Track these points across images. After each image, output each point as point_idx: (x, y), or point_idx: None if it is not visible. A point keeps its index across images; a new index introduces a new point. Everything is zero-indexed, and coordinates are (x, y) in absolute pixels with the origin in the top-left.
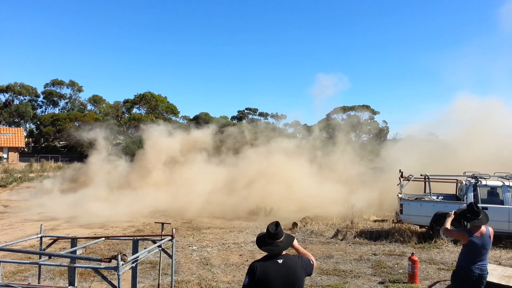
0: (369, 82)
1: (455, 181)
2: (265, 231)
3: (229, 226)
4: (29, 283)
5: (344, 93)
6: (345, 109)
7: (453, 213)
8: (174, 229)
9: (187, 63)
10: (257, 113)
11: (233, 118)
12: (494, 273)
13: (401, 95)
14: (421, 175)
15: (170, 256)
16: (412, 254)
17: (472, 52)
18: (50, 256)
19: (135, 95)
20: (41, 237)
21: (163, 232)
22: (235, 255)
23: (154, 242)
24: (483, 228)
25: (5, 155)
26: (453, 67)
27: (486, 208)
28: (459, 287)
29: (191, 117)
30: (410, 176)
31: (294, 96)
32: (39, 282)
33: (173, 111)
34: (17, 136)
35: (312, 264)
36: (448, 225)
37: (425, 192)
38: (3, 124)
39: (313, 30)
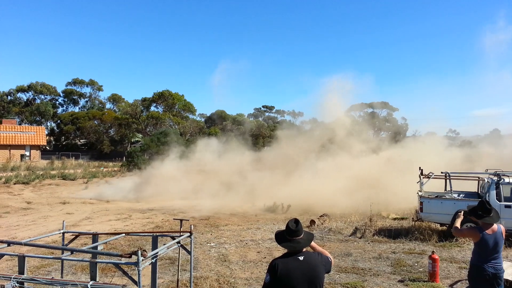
0: (387, 79)
1: (477, 178)
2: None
3: (247, 223)
4: (52, 277)
5: (361, 89)
6: (363, 106)
7: (462, 213)
8: (192, 226)
9: (204, 61)
10: (274, 111)
11: (249, 115)
12: None
13: (421, 91)
14: (441, 172)
15: (189, 252)
16: (433, 252)
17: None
18: (72, 251)
19: (154, 93)
20: (63, 233)
21: (181, 229)
22: (253, 252)
23: (173, 238)
24: (495, 225)
25: (27, 153)
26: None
27: (509, 206)
28: (474, 286)
29: (208, 114)
30: (430, 174)
31: (310, 93)
32: (62, 277)
33: (190, 109)
34: (39, 135)
35: (330, 262)
36: (458, 224)
37: (445, 190)
38: (25, 123)
39: (329, 27)
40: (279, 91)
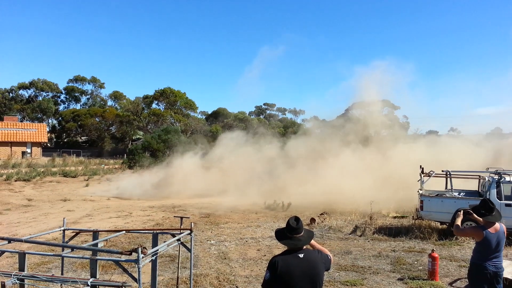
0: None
1: (478, 177)
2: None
3: (247, 221)
4: (52, 275)
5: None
6: (364, 104)
7: (461, 212)
8: (192, 223)
9: (205, 59)
10: (275, 108)
11: (251, 113)
12: None
13: (422, 90)
14: (442, 171)
15: (189, 250)
16: (433, 250)
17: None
18: (72, 248)
19: (155, 91)
20: (64, 230)
21: (181, 226)
22: (253, 250)
23: (173, 236)
24: (497, 224)
25: (28, 150)
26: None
27: (510, 205)
28: (475, 285)
29: (209, 112)
30: (431, 172)
31: (311, 92)
32: (62, 274)
33: (192, 106)
34: (40, 132)
35: (330, 259)
36: (459, 223)
37: (446, 188)
38: (26, 120)
39: (329, 26)
40: (279, 88)
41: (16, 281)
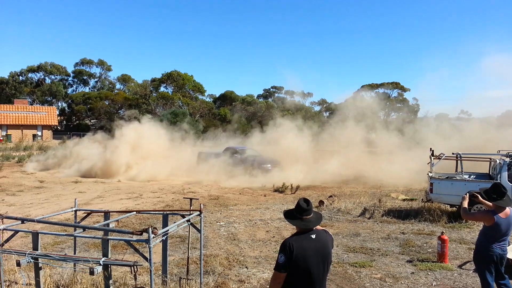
0: (399, 58)
1: (489, 160)
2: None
3: (255, 203)
4: (65, 254)
5: (372, 69)
6: (373, 86)
7: (467, 195)
8: (202, 205)
9: (213, 42)
10: (283, 91)
11: (259, 96)
12: None
13: (433, 71)
14: (452, 153)
15: (199, 231)
16: (442, 233)
17: None
18: (84, 228)
19: (162, 74)
20: (75, 211)
21: (191, 208)
22: (262, 231)
23: (183, 216)
24: (507, 209)
25: (39, 133)
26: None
27: None
28: (481, 267)
29: (217, 95)
30: (441, 155)
31: (320, 74)
32: (74, 253)
33: (199, 89)
34: (50, 115)
35: (332, 238)
36: (466, 205)
37: (456, 171)
38: (36, 103)
39: (337, 8)
40: (292, 71)
41: (31, 259)
